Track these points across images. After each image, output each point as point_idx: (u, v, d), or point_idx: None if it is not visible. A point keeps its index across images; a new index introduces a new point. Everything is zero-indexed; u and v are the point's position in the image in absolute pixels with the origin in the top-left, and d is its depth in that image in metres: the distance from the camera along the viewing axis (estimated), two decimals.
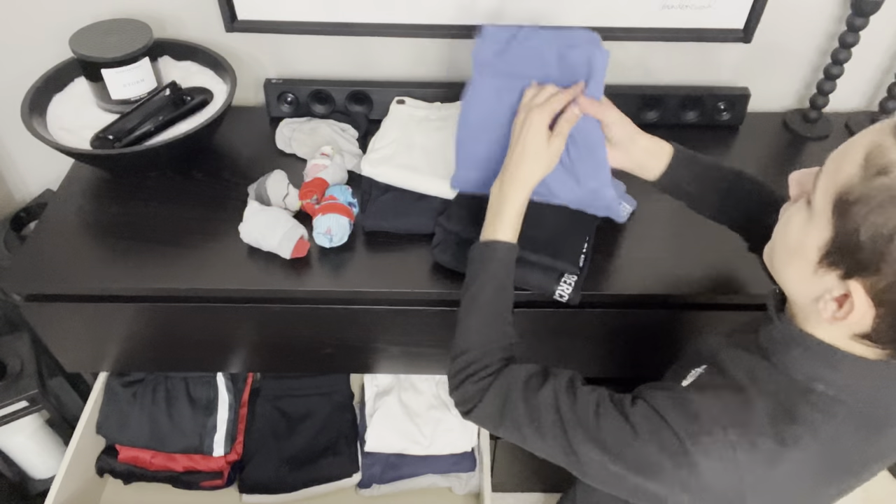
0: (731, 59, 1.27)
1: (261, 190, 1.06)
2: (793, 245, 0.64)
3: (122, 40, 1.09)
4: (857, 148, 0.58)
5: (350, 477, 1.33)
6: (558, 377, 0.76)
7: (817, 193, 0.60)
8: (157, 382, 1.32)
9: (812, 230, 0.61)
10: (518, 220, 0.84)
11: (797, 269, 0.63)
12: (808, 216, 0.62)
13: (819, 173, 0.62)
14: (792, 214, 0.65)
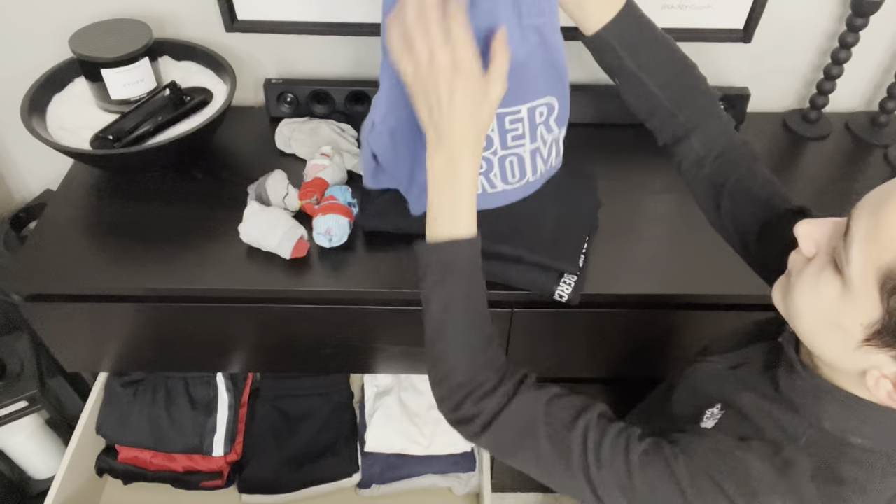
0: (731, 59, 1.27)
1: (261, 190, 1.06)
2: (827, 315, 0.58)
3: (122, 40, 1.09)
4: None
5: (350, 477, 1.33)
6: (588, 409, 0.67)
7: (853, 266, 0.54)
8: (157, 382, 1.32)
9: (853, 307, 0.55)
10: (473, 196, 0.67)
11: (835, 341, 0.58)
12: (843, 288, 0.55)
13: (847, 237, 0.55)
14: (821, 282, 0.58)
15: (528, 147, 0.84)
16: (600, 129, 1.27)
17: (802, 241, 0.61)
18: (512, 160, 0.86)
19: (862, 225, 0.54)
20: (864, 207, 0.55)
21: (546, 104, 0.80)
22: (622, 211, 1.11)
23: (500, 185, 0.89)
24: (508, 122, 0.80)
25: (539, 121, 0.81)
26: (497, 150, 0.85)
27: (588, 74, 1.29)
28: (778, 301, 0.65)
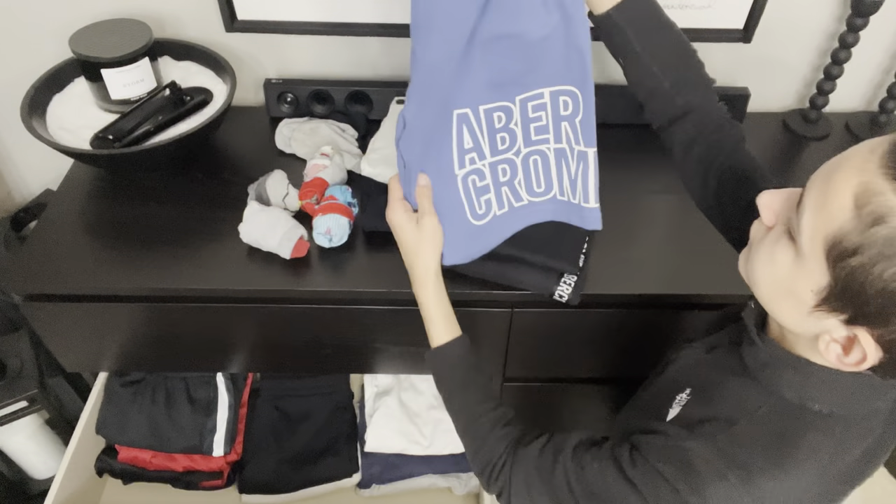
0: (731, 59, 1.27)
1: (261, 190, 1.06)
2: (782, 282, 0.60)
3: (122, 40, 1.09)
4: (843, 187, 0.52)
5: (350, 477, 1.33)
6: (563, 451, 0.74)
7: (804, 234, 0.56)
8: (157, 382, 1.32)
9: (803, 272, 0.57)
10: (443, 311, 0.83)
11: (790, 306, 0.60)
12: (796, 255, 0.57)
13: (800, 206, 0.57)
14: (776, 250, 0.60)
15: (552, 146, 0.81)
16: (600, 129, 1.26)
17: (763, 210, 0.63)
18: (536, 160, 0.82)
19: (812, 195, 0.55)
20: (816, 178, 0.56)
21: (569, 93, 0.78)
22: (622, 211, 1.11)
23: (526, 196, 0.85)
24: (531, 108, 0.79)
25: (564, 114, 0.79)
26: (520, 149, 0.82)
27: None
28: (742, 269, 0.68)
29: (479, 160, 0.82)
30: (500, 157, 0.82)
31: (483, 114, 0.79)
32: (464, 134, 0.80)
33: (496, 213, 0.85)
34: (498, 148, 0.82)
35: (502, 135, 0.81)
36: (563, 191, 0.84)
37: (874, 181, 0.51)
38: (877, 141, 0.53)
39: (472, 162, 0.81)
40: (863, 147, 0.54)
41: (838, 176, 0.53)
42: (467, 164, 0.81)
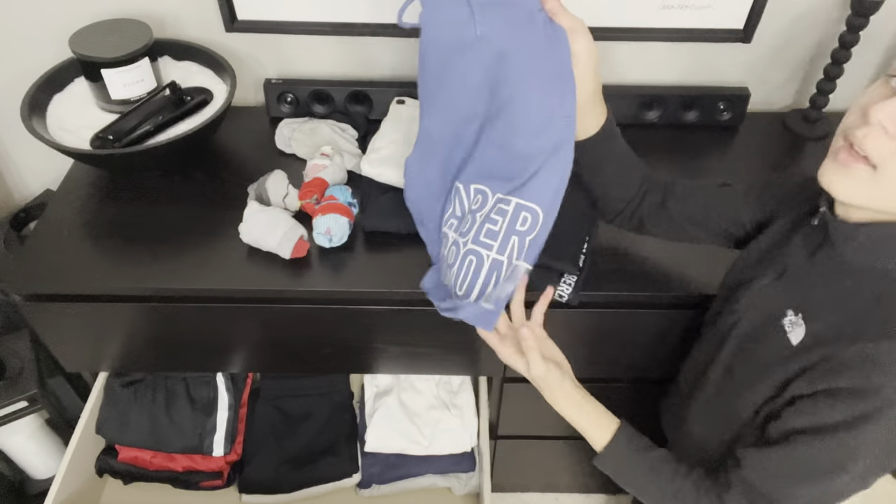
0: (731, 59, 1.27)
1: (261, 190, 1.06)
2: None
3: (122, 40, 1.09)
4: None
5: (350, 477, 1.33)
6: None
7: None
8: (156, 382, 1.32)
9: None
10: (596, 411, 0.89)
11: None
12: None
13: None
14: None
15: (492, 255, 0.85)
16: None
17: (890, 122, 0.61)
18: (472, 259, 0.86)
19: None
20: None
21: (532, 211, 0.83)
22: None
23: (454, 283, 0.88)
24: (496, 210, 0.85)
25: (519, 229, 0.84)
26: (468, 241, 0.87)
27: None
28: (856, 193, 0.66)
29: (450, 230, 0.91)
30: (456, 236, 0.89)
31: (473, 190, 0.88)
32: (455, 203, 0.91)
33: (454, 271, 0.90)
34: (461, 229, 0.89)
35: (467, 218, 0.88)
36: (480, 295, 0.86)
37: None
38: None
39: (451, 227, 0.91)
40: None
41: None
42: (445, 225, 0.92)
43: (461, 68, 0.80)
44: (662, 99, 1.26)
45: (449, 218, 0.92)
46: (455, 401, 1.35)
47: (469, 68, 0.80)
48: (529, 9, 0.75)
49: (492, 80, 0.80)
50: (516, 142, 0.81)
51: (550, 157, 0.81)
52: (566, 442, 1.41)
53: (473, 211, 0.87)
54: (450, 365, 1.16)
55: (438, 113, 0.86)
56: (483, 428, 1.33)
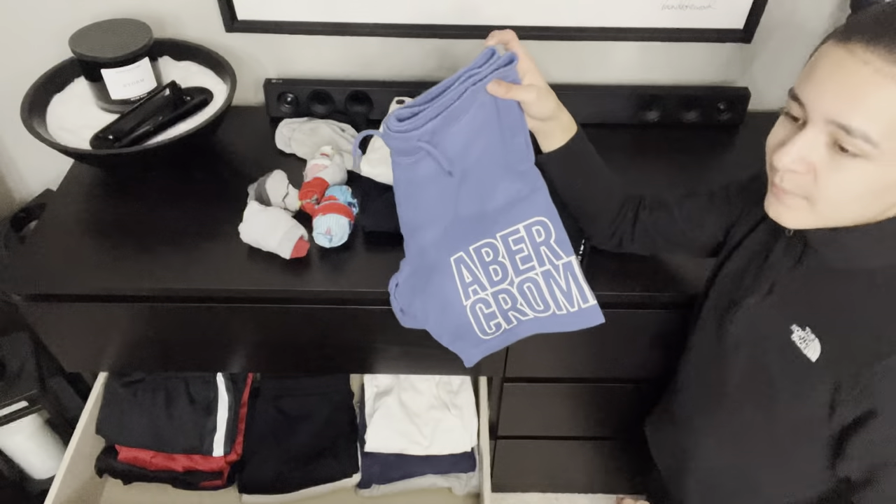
0: (731, 59, 1.27)
1: (260, 190, 1.06)
2: (871, 189, 0.60)
3: (122, 40, 1.09)
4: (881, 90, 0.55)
5: (350, 477, 1.33)
6: None
7: (878, 141, 0.56)
8: (157, 382, 1.32)
9: (887, 172, 0.59)
10: None
11: (891, 197, 0.62)
12: (867, 161, 0.58)
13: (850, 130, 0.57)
14: (846, 174, 0.60)
15: (539, 270, 0.89)
16: (600, 129, 1.27)
17: (796, 167, 0.62)
18: (529, 286, 0.90)
19: (864, 121, 0.56)
20: (842, 110, 0.58)
21: (539, 222, 0.88)
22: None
23: (531, 312, 0.91)
24: (512, 242, 0.89)
25: (539, 240, 0.88)
26: (513, 279, 0.90)
27: (588, 74, 1.29)
28: (803, 220, 0.66)
29: (482, 290, 0.91)
30: (498, 287, 0.91)
31: (473, 253, 0.90)
32: (463, 272, 0.91)
33: (505, 328, 0.93)
34: (493, 279, 0.91)
35: (494, 267, 0.90)
36: (560, 306, 0.90)
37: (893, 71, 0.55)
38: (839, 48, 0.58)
39: (476, 293, 0.91)
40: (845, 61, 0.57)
41: (876, 96, 0.56)
42: (471, 294, 0.91)
43: (435, 193, 0.84)
44: (662, 99, 1.26)
45: (468, 287, 0.92)
46: (455, 401, 1.35)
47: (443, 190, 0.84)
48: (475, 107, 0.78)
49: (460, 184, 0.84)
50: (489, 205, 0.88)
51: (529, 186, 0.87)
52: (566, 442, 1.41)
53: (493, 260, 0.90)
54: (450, 365, 1.16)
55: (422, 232, 0.89)
56: (483, 428, 1.33)
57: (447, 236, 0.88)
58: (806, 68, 0.62)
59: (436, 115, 0.76)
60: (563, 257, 0.89)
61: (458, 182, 0.83)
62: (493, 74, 0.77)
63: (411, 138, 0.77)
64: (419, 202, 0.85)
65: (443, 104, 0.76)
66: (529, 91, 0.79)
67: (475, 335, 0.93)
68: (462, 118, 0.78)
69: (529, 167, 0.86)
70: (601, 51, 1.25)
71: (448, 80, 0.78)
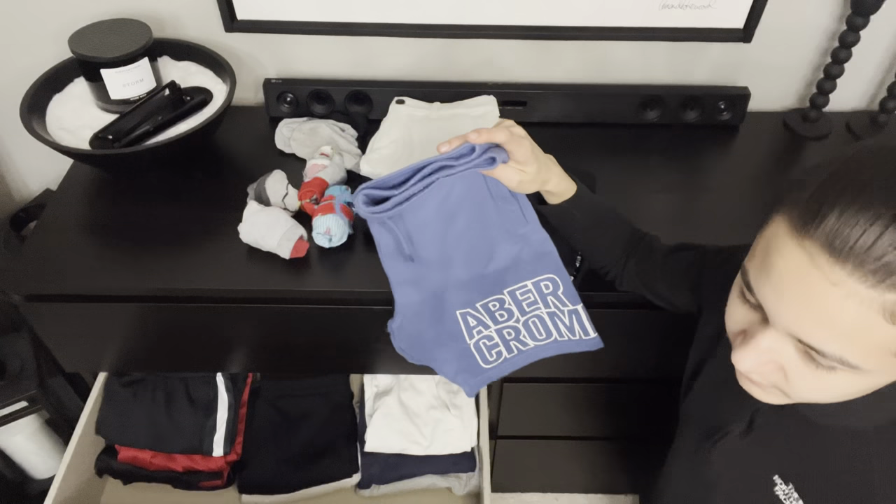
0: (731, 59, 1.27)
1: (260, 190, 1.06)
2: (857, 391, 0.53)
3: (122, 40, 1.09)
4: (866, 319, 0.46)
5: (349, 477, 1.33)
6: None
7: (864, 363, 0.48)
8: (156, 382, 1.32)
9: (880, 376, 0.50)
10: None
11: (873, 387, 0.53)
12: (857, 373, 0.49)
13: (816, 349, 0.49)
14: (827, 380, 0.51)
15: (544, 311, 0.93)
16: (600, 129, 1.27)
17: (760, 375, 0.55)
18: (535, 321, 0.93)
19: (828, 341, 0.48)
20: (803, 325, 0.49)
21: (548, 279, 0.93)
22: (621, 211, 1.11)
23: (531, 342, 0.94)
24: (519, 294, 0.93)
25: (547, 292, 0.93)
26: (518, 318, 0.93)
27: (587, 74, 1.29)
28: (779, 401, 0.58)
29: (486, 329, 0.94)
30: (504, 325, 0.94)
31: (481, 307, 0.94)
32: (468, 320, 0.94)
33: (506, 357, 0.95)
34: (498, 321, 0.94)
35: (500, 313, 0.94)
36: (562, 334, 0.94)
37: (885, 298, 0.44)
38: (794, 249, 0.47)
39: (480, 332, 0.94)
40: (802, 270, 0.47)
41: (843, 319, 0.46)
42: (475, 335, 0.94)
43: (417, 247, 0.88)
44: (662, 99, 1.26)
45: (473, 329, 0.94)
46: (455, 401, 1.35)
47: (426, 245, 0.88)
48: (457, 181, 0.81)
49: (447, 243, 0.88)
50: (490, 268, 0.92)
51: (530, 247, 0.92)
52: (566, 442, 1.41)
53: (500, 308, 0.94)
54: None
55: (411, 286, 0.92)
56: (483, 428, 1.33)
57: (449, 291, 0.92)
58: (759, 257, 0.52)
59: (402, 202, 0.79)
60: (570, 305, 0.93)
61: (442, 236, 0.86)
62: (469, 168, 0.78)
63: (380, 218, 0.81)
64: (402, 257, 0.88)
65: (409, 192, 0.79)
66: (512, 176, 0.81)
67: (477, 365, 0.94)
68: (430, 202, 0.81)
69: (531, 231, 0.90)
70: (601, 51, 1.24)
71: (421, 162, 0.80)
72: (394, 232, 0.85)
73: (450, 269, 0.91)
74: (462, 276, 0.91)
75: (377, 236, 0.87)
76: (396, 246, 0.88)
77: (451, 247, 0.88)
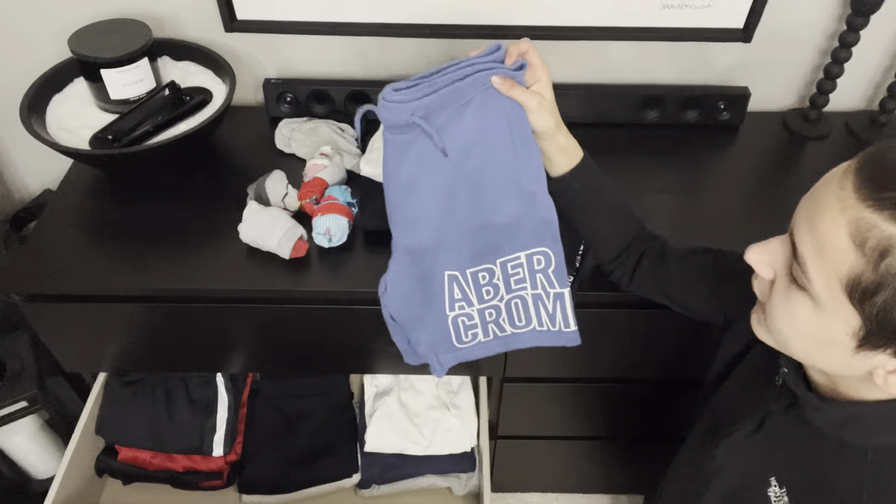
0: (731, 59, 1.27)
1: (260, 190, 1.06)
2: (812, 333, 0.58)
3: (122, 40, 1.09)
4: (834, 230, 0.52)
5: (349, 477, 1.33)
6: None
7: (816, 284, 0.55)
8: (156, 382, 1.32)
9: (831, 319, 0.55)
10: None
11: (832, 354, 0.58)
12: (815, 306, 0.56)
13: (797, 256, 0.56)
14: (792, 305, 0.58)
15: (529, 292, 0.89)
16: (600, 129, 1.27)
17: (757, 267, 0.62)
18: (517, 302, 0.90)
19: (806, 242, 0.55)
20: (800, 225, 0.56)
21: (542, 252, 0.88)
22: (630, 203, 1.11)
23: (509, 328, 0.92)
24: (510, 267, 0.88)
25: (538, 268, 0.88)
26: (503, 296, 0.90)
27: (588, 74, 1.29)
28: (763, 335, 0.66)
29: (468, 307, 0.91)
30: (487, 304, 0.91)
31: (469, 276, 0.89)
32: (454, 289, 0.89)
33: (481, 340, 0.93)
34: (484, 298, 0.90)
35: (487, 288, 0.90)
36: (542, 323, 0.91)
37: (861, 216, 0.50)
38: (840, 171, 0.54)
39: (462, 308, 0.90)
40: (832, 183, 0.54)
41: (824, 221, 0.53)
42: (457, 308, 0.90)
43: (426, 180, 0.82)
44: (662, 99, 1.26)
45: (455, 302, 0.90)
46: (455, 401, 1.35)
47: (434, 179, 0.81)
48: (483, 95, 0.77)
49: (456, 179, 0.82)
50: (493, 219, 0.85)
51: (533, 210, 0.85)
52: (566, 442, 1.41)
53: (488, 283, 0.90)
54: None
55: (411, 227, 0.86)
56: (483, 428, 1.33)
57: (445, 244, 0.86)
58: None
59: (432, 92, 0.74)
60: (557, 288, 0.89)
61: (453, 171, 0.80)
62: (499, 69, 0.76)
63: (404, 111, 0.75)
64: (411, 190, 0.82)
65: (442, 82, 0.75)
66: (532, 96, 0.78)
67: (450, 343, 0.93)
68: (465, 110, 0.77)
69: (540, 190, 0.85)
70: (601, 51, 1.24)
71: (450, 63, 0.76)
72: (424, 129, 0.77)
73: (453, 211, 0.84)
74: (463, 221, 0.85)
75: (390, 152, 0.80)
76: (409, 179, 0.81)
77: (461, 183, 0.82)
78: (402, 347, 0.95)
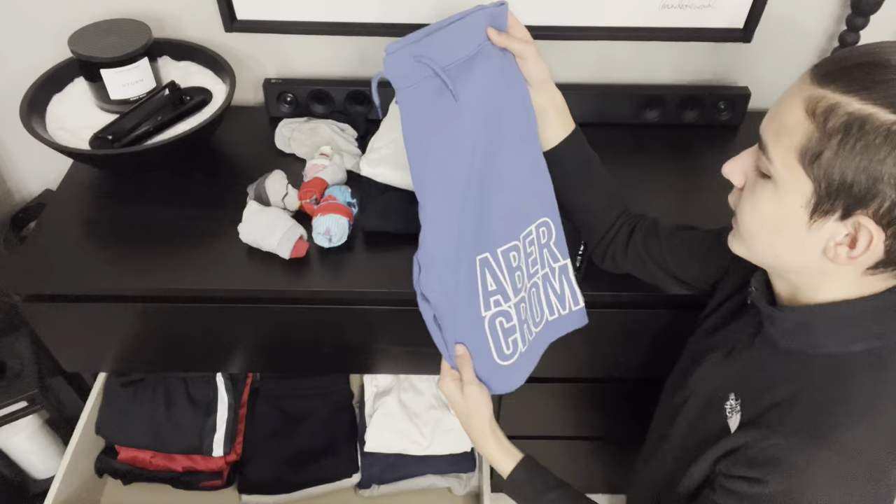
0: (731, 59, 1.27)
1: (260, 190, 1.06)
2: (774, 216, 0.64)
3: (121, 40, 1.09)
4: (791, 108, 0.60)
5: (349, 477, 1.33)
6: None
7: (776, 161, 0.61)
8: (156, 382, 1.32)
9: (787, 195, 0.61)
10: (501, 447, 0.88)
11: (790, 236, 0.63)
12: (775, 187, 0.62)
13: (763, 149, 0.63)
14: (756, 194, 0.65)
15: (540, 273, 0.90)
16: (600, 129, 1.27)
17: (731, 176, 0.69)
18: (534, 291, 0.90)
19: (769, 131, 0.63)
20: (766, 121, 0.64)
21: (545, 223, 0.90)
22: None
23: (534, 329, 0.91)
24: (527, 244, 0.88)
25: (543, 241, 0.89)
26: (526, 284, 0.88)
27: (587, 74, 1.29)
28: (736, 245, 0.72)
29: (505, 302, 0.86)
30: (520, 296, 0.88)
31: (501, 255, 0.86)
32: (487, 277, 0.85)
33: (521, 351, 0.89)
34: (517, 286, 0.87)
35: (518, 273, 0.87)
36: (553, 310, 0.92)
37: (814, 92, 0.58)
38: (800, 76, 0.62)
39: (498, 304, 0.86)
40: (793, 84, 0.62)
41: (784, 103, 0.61)
42: (492, 306, 0.85)
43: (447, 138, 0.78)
44: (662, 99, 1.26)
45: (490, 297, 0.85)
46: None
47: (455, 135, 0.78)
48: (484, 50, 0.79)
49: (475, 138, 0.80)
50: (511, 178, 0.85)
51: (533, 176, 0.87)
52: (566, 442, 1.41)
53: (518, 266, 0.88)
54: None
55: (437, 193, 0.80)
56: None
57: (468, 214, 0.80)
58: None
59: (431, 32, 0.75)
60: (560, 260, 0.90)
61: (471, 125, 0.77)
62: (484, 12, 0.77)
63: (408, 55, 0.74)
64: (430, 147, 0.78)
65: (438, 25, 0.76)
66: (529, 46, 0.81)
67: (491, 359, 0.86)
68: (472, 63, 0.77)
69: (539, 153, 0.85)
70: (601, 51, 1.24)
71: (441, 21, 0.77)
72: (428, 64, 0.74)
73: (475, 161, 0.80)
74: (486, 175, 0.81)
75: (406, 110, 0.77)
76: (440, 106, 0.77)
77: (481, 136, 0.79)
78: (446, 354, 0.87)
